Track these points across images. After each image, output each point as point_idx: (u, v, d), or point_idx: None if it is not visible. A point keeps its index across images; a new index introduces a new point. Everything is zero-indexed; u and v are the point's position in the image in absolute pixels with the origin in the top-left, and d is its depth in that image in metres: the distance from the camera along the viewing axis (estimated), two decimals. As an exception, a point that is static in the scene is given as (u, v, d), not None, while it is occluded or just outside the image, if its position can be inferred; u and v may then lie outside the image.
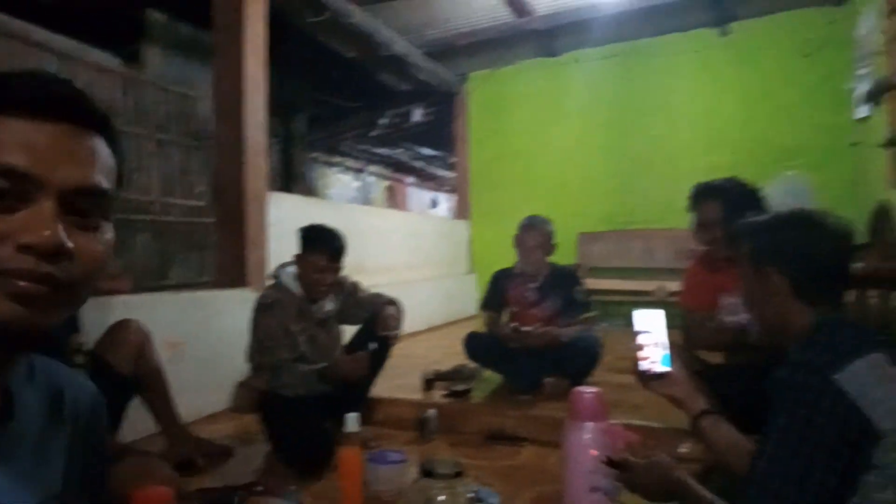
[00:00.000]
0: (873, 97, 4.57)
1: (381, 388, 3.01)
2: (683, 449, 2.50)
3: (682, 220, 6.19)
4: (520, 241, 3.37)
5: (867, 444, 1.06)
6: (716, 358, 2.47)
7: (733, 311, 2.49)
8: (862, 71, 4.83)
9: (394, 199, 12.50)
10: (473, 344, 3.35)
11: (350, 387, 2.62)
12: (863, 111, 4.87)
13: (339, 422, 2.00)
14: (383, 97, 7.64)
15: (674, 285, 5.35)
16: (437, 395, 3.15)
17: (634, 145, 6.44)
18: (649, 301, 5.51)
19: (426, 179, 13.00)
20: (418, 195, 13.55)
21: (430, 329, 5.69)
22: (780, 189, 4.59)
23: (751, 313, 1.42)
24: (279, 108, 7.20)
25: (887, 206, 4.34)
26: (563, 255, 3.67)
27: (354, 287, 2.89)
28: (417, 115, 7.71)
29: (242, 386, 2.96)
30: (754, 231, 1.38)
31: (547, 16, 5.81)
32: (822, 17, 5.63)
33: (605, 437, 1.83)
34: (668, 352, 1.55)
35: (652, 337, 1.56)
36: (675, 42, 6.22)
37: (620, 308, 6.02)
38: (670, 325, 1.58)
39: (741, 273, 1.41)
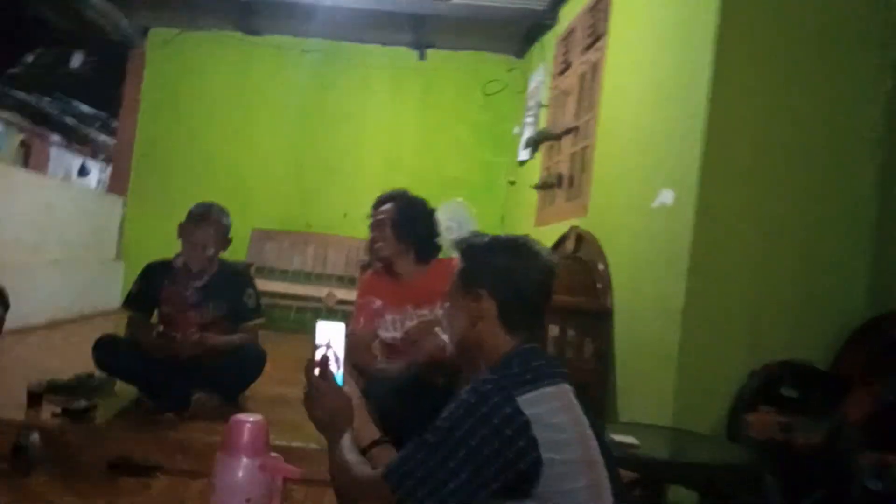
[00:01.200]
0: (534, 144, 5.16)
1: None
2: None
3: (358, 230, 6.31)
4: (187, 232, 2.87)
5: (524, 471, 1.06)
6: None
7: (392, 328, 2.47)
8: (528, 119, 5.43)
9: (30, 158, 10.31)
10: (106, 350, 2.73)
11: None
12: (524, 155, 5.49)
13: None
14: (33, 31, 6.19)
15: (343, 293, 5.33)
16: (47, 413, 2.47)
17: (321, 149, 6.33)
18: (318, 307, 5.38)
19: (78, 141, 11.02)
20: (64, 158, 11.43)
21: (54, 324, 4.66)
22: (447, 214, 4.91)
23: (449, 331, 1.33)
24: None
25: (533, 242, 4.93)
26: (232, 251, 3.30)
27: None
28: (77, 61, 6.42)
29: None
30: (471, 251, 1.32)
31: (250, -13, 5.34)
32: (503, 64, 6.24)
33: (262, 473, 1.56)
34: (342, 370, 1.38)
35: (330, 352, 1.37)
36: (376, 54, 6.31)
37: (287, 313, 5.80)
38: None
39: (450, 291, 1.33)
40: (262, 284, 5.02)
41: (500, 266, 1.26)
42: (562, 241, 4.10)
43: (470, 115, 6.29)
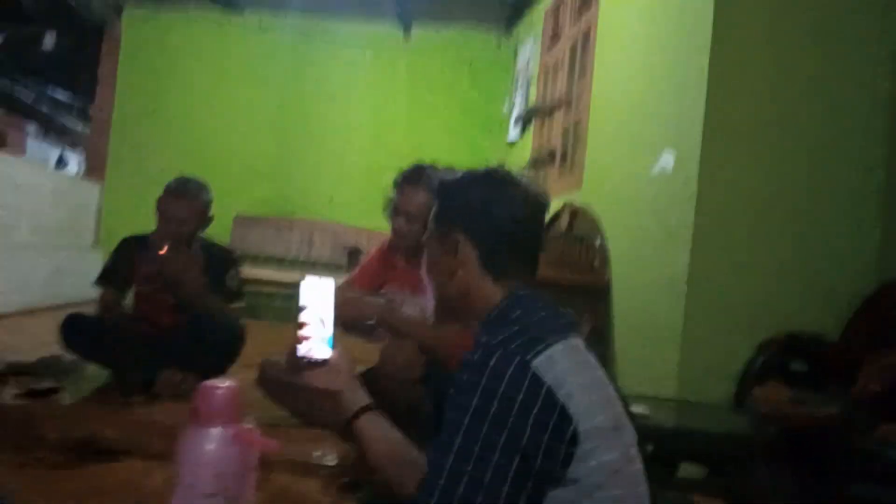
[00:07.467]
0: (524, 121, 5.00)
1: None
2: (318, 453, 2.19)
3: (345, 214, 6.12)
4: (163, 207, 2.70)
5: (563, 451, 0.87)
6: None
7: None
8: (518, 97, 5.27)
9: (4, 149, 9.99)
10: (74, 328, 2.55)
11: None
12: (513, 134, 5.32)
13: None
14: (2, 9, 5.94)
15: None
16: (8, 394, 2.29)
17: (305, 131, 6.15)
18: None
19: (55, 131, 10.70)
20: (41, 149, 11.08)
21: (28, 312, 4.45)
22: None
23: (430, 285, 1.17)
24: None
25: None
26: (215, 238, 3.15)
27: None
28: (50, 42, 6.16)
29: None
30: (444, 189, 1.15)
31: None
32: (491, 41, 6.08)
33: (234, 445, 1.39)
34: (331, 333, 1.20)
35: (317, 314, 1.19)
36: (361, 34, 6.13)
37: (271, 300, 5.61)
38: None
39: (425, 238, 1.17)
40: (246, 271, 4.86)
41: (474, 202, 1.07)
42: (555, 219, 3.96)
43: (458, 94, 6.12)
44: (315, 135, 6.15)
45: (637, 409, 1.72)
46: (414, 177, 2.18)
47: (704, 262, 2.56)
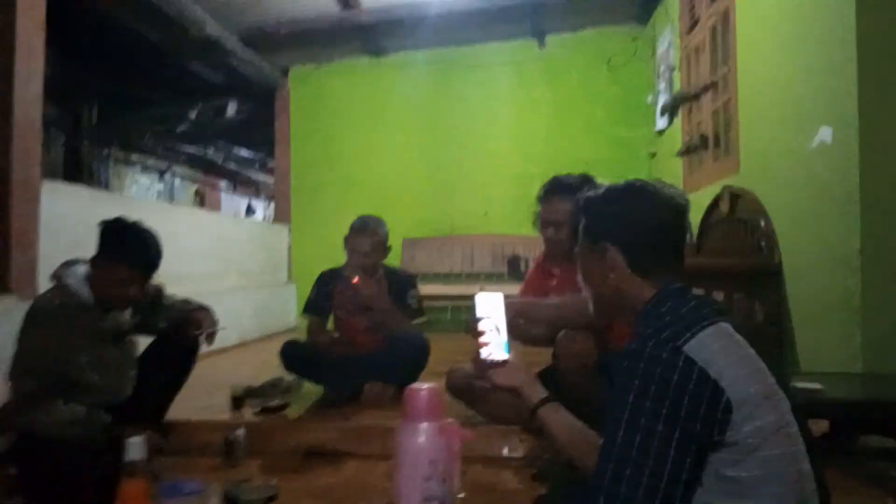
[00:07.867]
0: (670, 110, 4.95)
1: (180, 410, 2.58)
2: (506, 450, 2.42)
3: (500, 226, 6.35)
4: (352, 245, 3.11)
5: (719, 419, 1.01)
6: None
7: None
8: (661, 85, 5.23)
9: (204, 206, 11.56)
10: (291, 353, 3.02)
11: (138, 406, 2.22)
12: (661, 123, 5.27)
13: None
14: (193, 88, 6.96)
15: (492, 289, 5.41)
16: (248, 413, 2.78)
17: (454, 153, 6.49)
18: (471, 305, 5.50)
19: (242, 184, 12.19)
20: (233, 202, 12.65)
21: (242, 344, 5.19)
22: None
23: (587, 292, 1.33)
24: (63, 94, 6.28)
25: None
26: (388, 260, 3.53)
27: (158, 292, 2.43)
28: (232, 109, 7.12)
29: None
30: (588, 205, 1.31)
31: (373, 10, 5.63)
32: (625, 35, 6.07)
33: (441, 436, 1.66)
34: (506, 338, 1.43)
35: (492, 322, 1.44)
36: (497, 52, 6.39)
37: (442, 314, 6.00)
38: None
39: (577, 250, 1.32)
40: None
41: (617, 214, 1.22)
42: (715, 204, 3.90)
43: (599, 92, 6.16)
44: (465, 154, 6.46)
45: (810, 384, 1.76)
46: (554, 188, 2.35)
47: (877, 231, 2.47)
